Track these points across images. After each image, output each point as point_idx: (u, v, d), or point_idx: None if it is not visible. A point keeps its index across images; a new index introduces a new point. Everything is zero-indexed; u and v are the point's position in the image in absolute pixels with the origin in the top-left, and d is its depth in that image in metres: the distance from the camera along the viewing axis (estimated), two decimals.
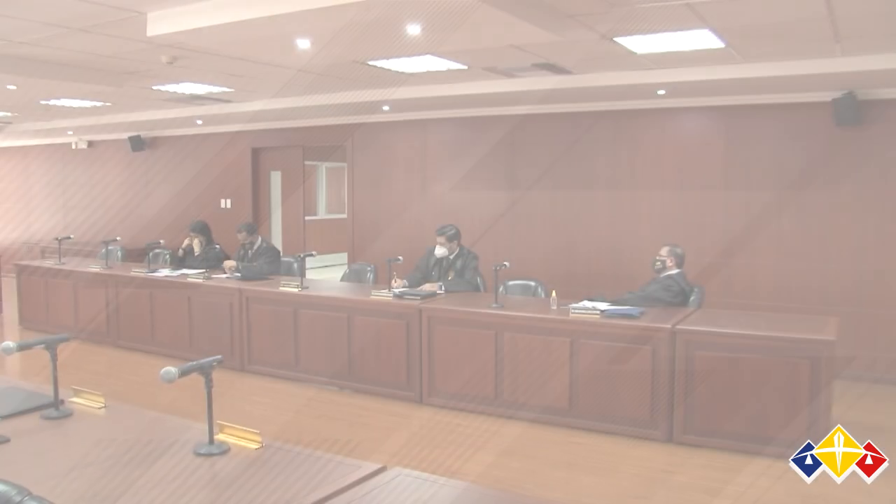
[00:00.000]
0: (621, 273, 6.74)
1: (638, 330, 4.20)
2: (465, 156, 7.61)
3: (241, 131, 9.05)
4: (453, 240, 5.56)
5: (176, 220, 9.48)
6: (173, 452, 2.20)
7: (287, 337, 5.48)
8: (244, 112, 7.81)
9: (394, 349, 5.00)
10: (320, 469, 2.11)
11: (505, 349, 4.57)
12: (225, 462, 2.17)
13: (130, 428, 2.43)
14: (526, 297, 5.38)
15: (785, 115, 5.98)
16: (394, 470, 2.10)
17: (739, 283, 6.23)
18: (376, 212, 8.17)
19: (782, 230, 6.05)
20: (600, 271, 6.87)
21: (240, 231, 6.40)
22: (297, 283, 5.61)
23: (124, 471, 2.07)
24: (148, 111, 8.17)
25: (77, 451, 2.21)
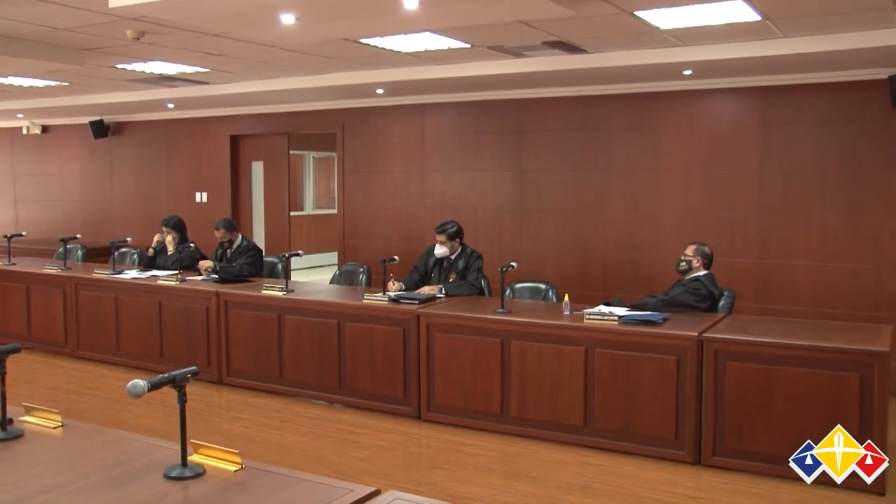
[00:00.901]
0: (642, 274, 6.73)
1: (661, 338, 4.18)
2: (467, 145, 7.60)
3: (218, 117, 9.04)
4: (454, 238, 5.56)
5: (144, 215, 9.47)
6: (141, 477, 2.18)
7: (270, 346, 5.47)
8: (221, 95, 7.80)
9: (389, 359, 5.00)
10: (307, 493, 2.09)
11: (512, 359, 4.57)
12: (200, 486, 2.15)
13: (91, 450, 2.40)
14: (535, 302, 5.37)
15: (831, 96, 5.92)
16: (389, 494, 2.09)
17: (776, 287, 6.21)
18: (369, 207, 8.17)
19: (827, 226, 6.01)
20: (618, 272, 6.86)
21: (217, 228, 6.40)
22: (281, 285, 5.60)
23: (83, 500, 2.04)
24: (111, 93, 8.14)
25: (28, 479, 2.17)
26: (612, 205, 6.93)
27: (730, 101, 6.44)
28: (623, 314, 4.47)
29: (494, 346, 4.62)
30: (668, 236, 6.61)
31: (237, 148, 9.14)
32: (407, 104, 7.86)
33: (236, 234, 6.46)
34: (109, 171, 9.95)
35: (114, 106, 8.73)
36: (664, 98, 6.64)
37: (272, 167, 9.06)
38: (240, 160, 9.17)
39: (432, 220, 7.08)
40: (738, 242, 6.37)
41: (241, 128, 9.02)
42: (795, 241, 6.16)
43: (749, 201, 6.35)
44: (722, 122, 6.47)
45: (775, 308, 6.06)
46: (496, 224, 7.46)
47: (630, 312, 4.55)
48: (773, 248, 6.25)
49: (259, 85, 7.41)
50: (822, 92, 5.95)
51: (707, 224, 6.46)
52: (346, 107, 8.17)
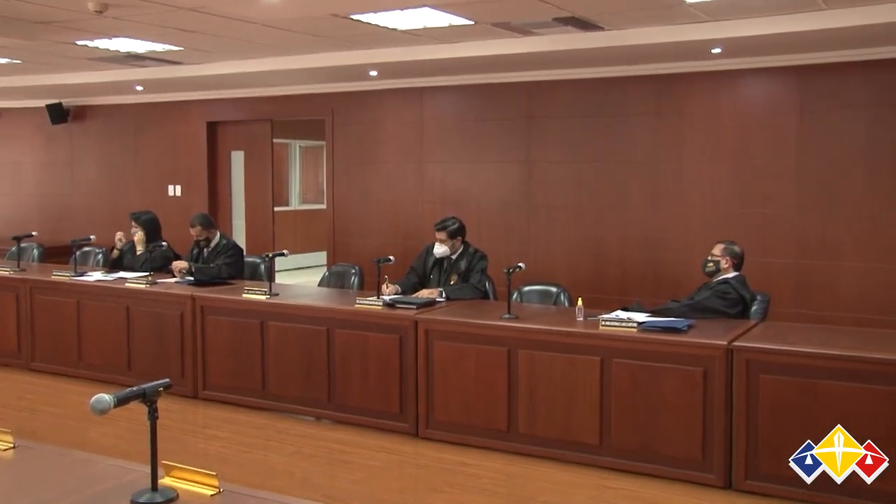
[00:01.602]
0: (664, 276, 6.72)
1: (685, 347, 4.16)
2: (470, 133, 7.60)
3: (194, 101, 9.03)
4: (456, 236, 5.55)
5: (110, 210, 9.46)
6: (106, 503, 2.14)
7: (252, 355, 5.46)
8: (196, 77, 7.78)
9: (384, 370, 4.98)
10: None
11: (520, 370, 4.56)
12: None
13: (48, 474, 2.37)
14: (545, 307, 5.36)
15: (880, 76, 5.88)
16: None
17: (816, 290, 6.19)
18: (362, 202, 8.15)
19: (875, 223, 5.99)
20: (637, 274, 6.85)
21: (193, 224, 6.38)
22: (264, 288, 5.59)
23: None
24: (71, 73, 8.10)
25: None
26: (631, 199, 6.92)
27: (764, 83, 6.42)
28: (643, 320, 4.46)
29: (500, 356, 4.61)
30: (694, 234, 6.60)
31: (215, 136, 9.14)
32: (403, 88, 7.85)
33: (214, 231, 6.45)
34: (70, 161, 9.91)
35: (74, 87, 8.69)
36: (690, 80, 6.63)
37: (254, 157, 9.05)
38: (218, 149, 9.16)
39: (431, 216, 7.06)
40: (773, 240, 6.35)
41: (219, 113, 9.01)
42: (838, 239, 6.13)
43: (785, 194, 6.33)
44: (755, 107, 6.45)
45: (815, 314, 6.04)
46: (502, 221, 7.45)
47: (651, 319, 4.53)
48: (813, 247, 6.23)
49: (239, 66, 7.40)
50: (869, 70, 5.91)
51: (737, 220, 6.45)
52: (336, 91, 8.17)
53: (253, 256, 6.83)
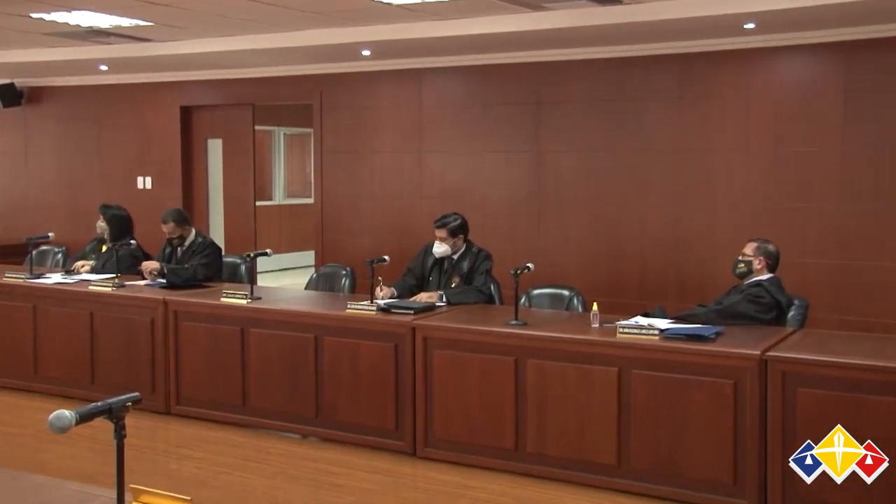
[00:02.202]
0: (689, 278, 6.71)
1: (713, 357, 4.15)
2: (474, 119, 7.59)
3: (165, 83, 9.02)
4: (458, 233, 5.55)
5: (70, 204, 9.43)
6: None
7: (231, 366, 5.46)
8: (168, 56, 7.77)
9: (378, 382, 4.99)
10: None
11: (529, 383, 4.56)
12: None
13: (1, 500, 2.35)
14: (557, 312, 5.35)
15: None
16: None
17: (862, 294, 6.17)
18: (353, 195, 8.15)
19: None
20: (659, 276, 6.85)
21: (165, 221, 6.38)
22: (244, 292, 5.59)
23: None
24: (25, 49, 8.06)
25: None
26: (652, 193, 6.91)
27: (803, 62, 6.40)
28: (666, 327, 4.45)
29: (507, 366, 4.61)
30: (723, 231, 6.59)
31: (189, 122, 9.13)
32: (399, 69, 7.84)
33: (189, 228, 6.45)
34: (24, 150, 9.88)
35: (29, 66, 8.66)
36: (718, 60, 6.62)
37: (233, 146, 9.05)
38: (193, 137, 9.16)
39: (430, 211, 7.04)
40: (813, 239, 6.33)
41: (194, 97, 9.00)
42: (886, 237, 6.11)
43: (827, 187, 6.31)
44: (792, 89, 6.43)
45: (860, 321, 6.02)
46: (509, 217, 7.45)
47: (675, 325, 4.52)
48: (858, 246, 6.21)
49: (216, 44, 7.39)
50: None
51: (772, 216, 6.44)
52: (325, 72, 8.16)
53: (232, 256, 6.82)
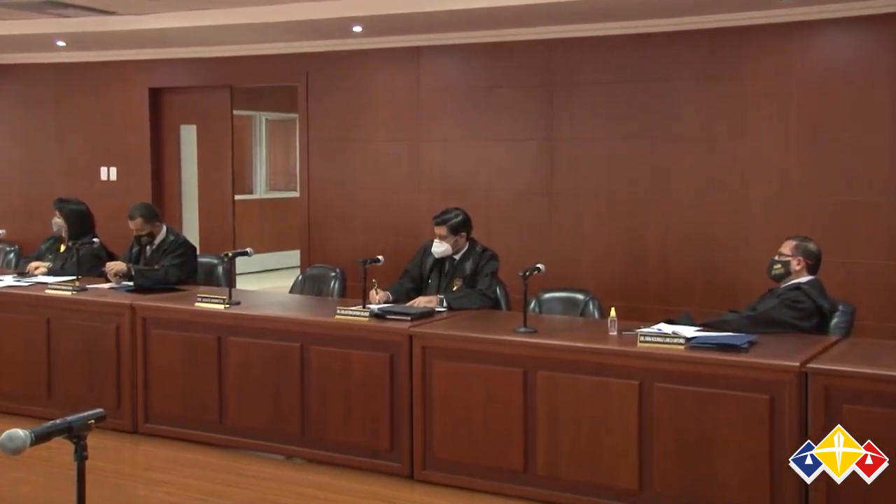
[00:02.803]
0: (719, 281, 6.71)
1: (746, 369, 4.15)
2: (478, 104, 7.59)
3: (132, 62, 9.01)
4: (459, 231, 5.56)
5: (24, 198, 9.41)
6: None
7: (207, 379, 5.47)
8: (135, 32, 7.77)
9: (371, 396, 5.00)
10: None
11: (539, 397, 4.56)
12: None
13: None
14: (570, 318, 5.36)
15: None
16: None
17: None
18: (344, 189, 8.15)
19: None
20: (686, 278, 6.84)
21: (132, 217, 6.38)
22: (222, 296, 5.59)
23: None
24: None
25: None
26: (679, 185, 6.91)
27: (849, 37, 6.38)
28: (692, 336, 4.45)
29: (514, 379, 4.61)
30: (757, 228, 6.59)
31: (159, 106, 9.13)
32: (395, 47, 7.84)
33: (159, 225, 6.45)
34: None
35: None
36: (753, 35, 6.62)
37: (209, 133, 9.05)
38: (163, 123, 9.16)
39: (430, 207, 7.04)
40: (860, 236, 6.32)
41: (165, 78, 9.00)
42: None
43: (875, 178, 6.30)
44: (837, 67, 6.42)
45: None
46: (517, 212, 7.44)
47: (702, 333, 4.52)
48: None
49: (189, 18, 7.38)
50: None
51: (813, 210, 6.43)
52: (312, 51, 8.16)
53: (208, 256, 6.82)
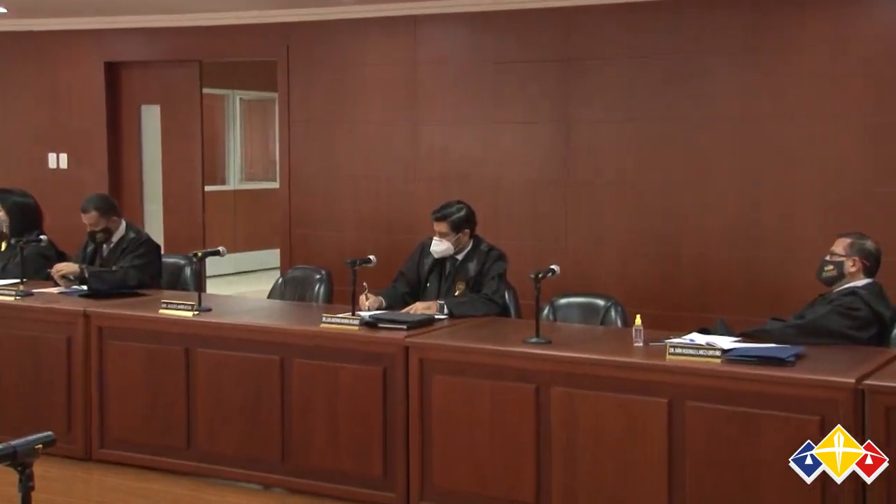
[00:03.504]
0: (760, 284, 6.70)
1: (793, 387, 4.14)
2: (484, 82, 7.58)
3: (85, 32, 8.99)
4: (462, 227, 5.56)
5: None
6: None
7: (172, 398, 5.47)
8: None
9: (361, 416, 5.00)
10: None
11: (554, 417, 4.56)
12: None
13: None
14: (589, 327, 5.36)
15: None
16: None
17: None
18: (330, 178, 8.14)
19: None
20: (722, 281, 6.83)
21: (86, 210, 6.36)
22: (190, 302, 5.59)
23: None
24: None
25: None
26: (715, 174, 6.89)
27: None
28: (730, 347, 4.45)
29: (525, 397, 4.61)
30: (805, 223, 6.57)
31: (117, 83, 9.12)
32: (389, 17, 7.84)
33: (117, 220, 6.44)
34: None
35: None
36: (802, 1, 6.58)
37: (175, 115, 9.04)
38: (121, 103, 9.15)
39: (428, 199, 7.05)
40: None
41: (124, 51, 9.00)
42: None
43: None
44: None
45: None
46: (528, 206, 7.43)
47: (741, 345, 4.52)
48: None
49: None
50: None
51: (871, 204, 6.42)
52: (293, 20, 8.15)
53: (174, 256, 6.82)
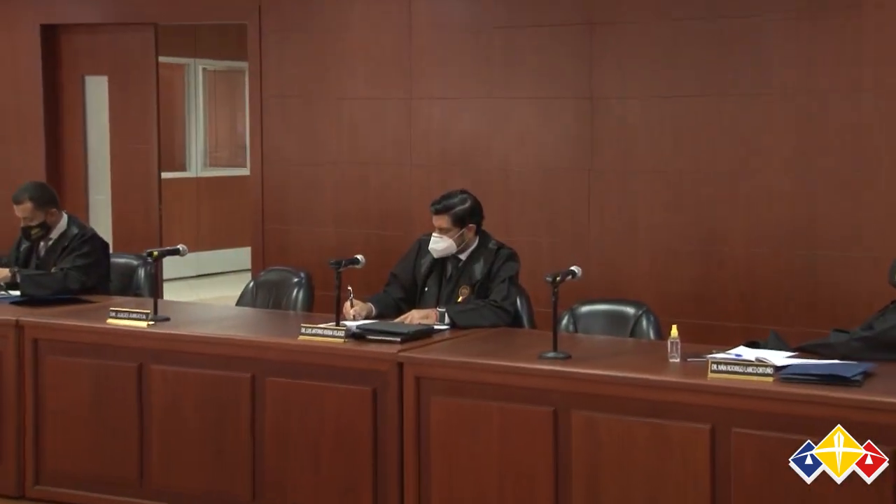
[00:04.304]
0: (821, 290, 6.69)
1: (860, 410, 4.12)
2: (491, 50, 7.57)
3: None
4: (466, 222, 5.58)
5: None
6: None
7: (122, 424, 5.49)
8: None
9: (347, 446, 5.01)
10: None
11: (574, 446, 4.57)
12: None
13: None
14: (617, 340, 5.36)
15: None
16: None
17: None
18: (310, 164, 8.14)
19: None
20: (775, 284, 6.82)
21: (18, 201, 6.38)
22: (144, 310, 5.60)
23: None
24: None
25: None
26: (768, 159, 6.87)
27: None
28: (784, 363, 4.46)
29: (541, 422, 4.62)
30: (876, 219, 6.56)
31: (56, 50, 9.12)
32: None
33: (57, 213, 6.46)
34: None
35: None
36: None
37: (126, 88, 9.03)
38: (62, 73, 9.15)
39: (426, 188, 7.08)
40: None
41: (65, 12, 8.99)
42: None
43: None
44: None
45: None
46: (545, 197, 7.42)
47: (797, 361, 4.53)
48: None
49: None
50: None
51: None
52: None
53: (125, 256, 6.84)
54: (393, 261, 5.95)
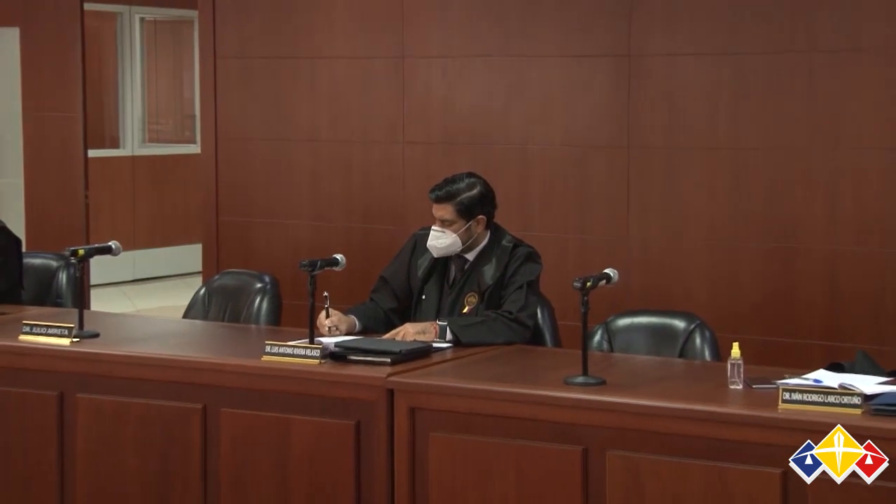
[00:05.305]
0: None
1: None
2: None
3: None
4: (474, 213, 5.61)
5: None
6: None
7: (39, 467, 5.52)
8: None
9: (323, 493, 5.03)
10: None
11: (609, 495, 4.59)
12: None
13: None
14: (662, 360, 5.40)
15: None
16: None
17: None
18: (278, 141, 8.17)
19: None
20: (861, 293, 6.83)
21: None
22: (66, 324, 5.62)
23: None
24: None
25: None
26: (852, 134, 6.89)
27: None
28: (876, 391, 4.48)
29: (569, 465, 4.64)
30: None
31: None
32: None
33: None
34: None
35: None
36: None
37: (41, 42, 9.06)
38: None
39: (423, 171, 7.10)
40: None
41: None
42: None
43: None
44: None
45: None
46: (573, 182, 7.45)
47: (892, 388, 4.55)
48: None
49: None
50: None
51: None
52: None
53: (42, 255, 6.87)
54: (381, 261, 5.98)
